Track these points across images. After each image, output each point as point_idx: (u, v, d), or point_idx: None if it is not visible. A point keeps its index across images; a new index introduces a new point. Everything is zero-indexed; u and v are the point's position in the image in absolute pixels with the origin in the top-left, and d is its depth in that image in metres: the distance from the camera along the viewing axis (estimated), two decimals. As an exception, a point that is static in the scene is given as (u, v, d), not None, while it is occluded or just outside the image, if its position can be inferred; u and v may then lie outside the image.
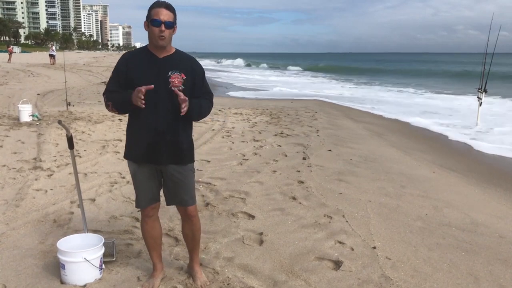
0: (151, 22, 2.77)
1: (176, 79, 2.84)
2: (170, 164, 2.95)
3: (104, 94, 2.93)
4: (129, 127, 3.01)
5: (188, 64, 2.93)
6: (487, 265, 3.71)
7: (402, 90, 26.99)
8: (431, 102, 19.97)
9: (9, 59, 39.96)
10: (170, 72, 2.84)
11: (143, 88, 2.68)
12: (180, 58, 2.94)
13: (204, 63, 64.91)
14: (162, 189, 3.11)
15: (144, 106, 2.72)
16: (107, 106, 2.92)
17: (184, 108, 2.76)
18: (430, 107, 17.38)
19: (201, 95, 2.98)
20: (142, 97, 2.69)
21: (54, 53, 38.84)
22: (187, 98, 2.78)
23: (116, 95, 2.86)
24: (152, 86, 2.71)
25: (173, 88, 2.80)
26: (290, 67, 64.47)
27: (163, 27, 2.75)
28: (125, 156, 3.04)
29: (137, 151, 2.94)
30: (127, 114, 2.97)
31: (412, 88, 27.86)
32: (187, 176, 3.05)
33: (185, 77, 2.87)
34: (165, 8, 2.78)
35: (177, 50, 2.95)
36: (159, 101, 2.83)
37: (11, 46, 47.94)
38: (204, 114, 3.01)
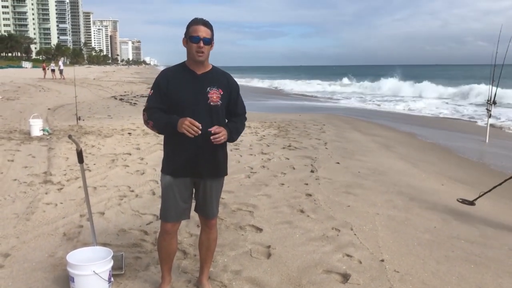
0: (190, 38, 2.85)
1: (214, 95, 2.93)
2: (207, 177, 3.02)
3: (144, 111, 2.95)
4: (167, 142, 3.03)
5: (224, 79, 3.03)
6: (497, 277, 3.68)
7: None
8: None
9: (45, 75, 41.43)
10: (208, 88, 2.93)
11: (195, 123, 2.74)
12: (217, 74, 3.02)
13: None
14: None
15: (193, 136, 2.77)
16: (146, 123, 2.94)
17: (222, 137, 2.82)
18: None
19: (236, 109, 3.08)
20: (194, 128, 2.75)
21: (62, 68, 39.72)
22: (221, 130, 2.83)
23: (159, 116, 2.89)
24: (200, 126, 2.76)
25: (212, 137, 2.82)
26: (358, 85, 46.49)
27: (201, 44, 2.83)
28: (163, 170, 3.04)
29: (176, 165, 2.97)
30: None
31: None
32: (219, 189, 3.15)
33: (222, 93, 2.96)
34: (203, 25, 2.86)
35: (213, 67, 3.04)
36: (198, 116, 2.86)
37: (45, 64, 49.54)
38: (241, 132, 3.15)
